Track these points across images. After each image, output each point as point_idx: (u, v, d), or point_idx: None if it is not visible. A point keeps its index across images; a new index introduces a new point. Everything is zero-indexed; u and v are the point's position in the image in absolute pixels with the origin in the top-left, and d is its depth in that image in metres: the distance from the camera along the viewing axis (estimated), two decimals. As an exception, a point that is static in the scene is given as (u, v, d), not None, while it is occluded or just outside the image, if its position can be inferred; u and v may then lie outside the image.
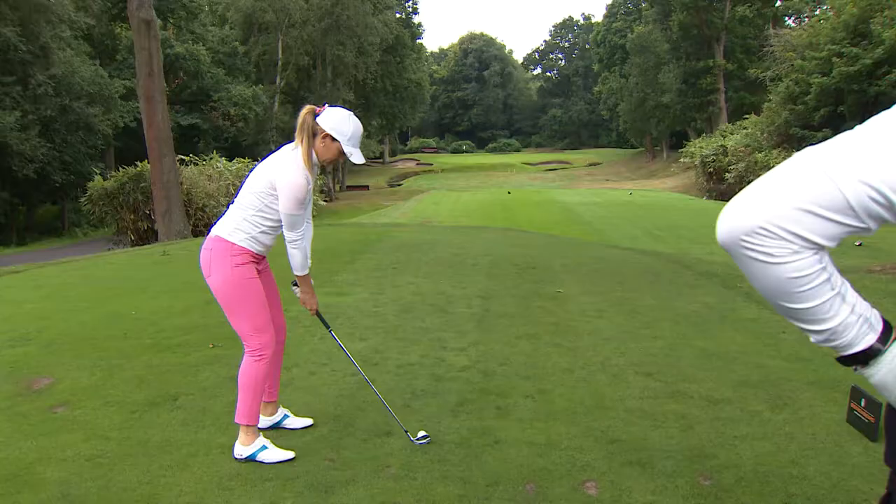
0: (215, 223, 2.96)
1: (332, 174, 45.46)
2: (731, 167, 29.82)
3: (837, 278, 0.89)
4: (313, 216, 3.14)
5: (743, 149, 30.06)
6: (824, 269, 0.87)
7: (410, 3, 59.61)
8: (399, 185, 59.42)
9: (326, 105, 2.91)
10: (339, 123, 2.83)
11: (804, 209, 0.82)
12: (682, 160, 37.80)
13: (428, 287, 6.84)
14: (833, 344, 0.91)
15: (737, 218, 0.85)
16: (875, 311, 0.92)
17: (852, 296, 0.90)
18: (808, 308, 0.88)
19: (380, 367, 4.17)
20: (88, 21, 34.05)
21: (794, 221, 0.82)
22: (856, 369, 0.93)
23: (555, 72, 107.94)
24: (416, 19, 60.61)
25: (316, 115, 2.86)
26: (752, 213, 0.84)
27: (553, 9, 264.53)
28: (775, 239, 0.83)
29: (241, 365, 2.90)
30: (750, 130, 31.95)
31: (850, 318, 0.89)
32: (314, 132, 2.84)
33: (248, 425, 2.87)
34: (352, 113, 2.89)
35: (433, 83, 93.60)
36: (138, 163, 16.58)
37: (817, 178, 0.82)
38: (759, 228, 0.83)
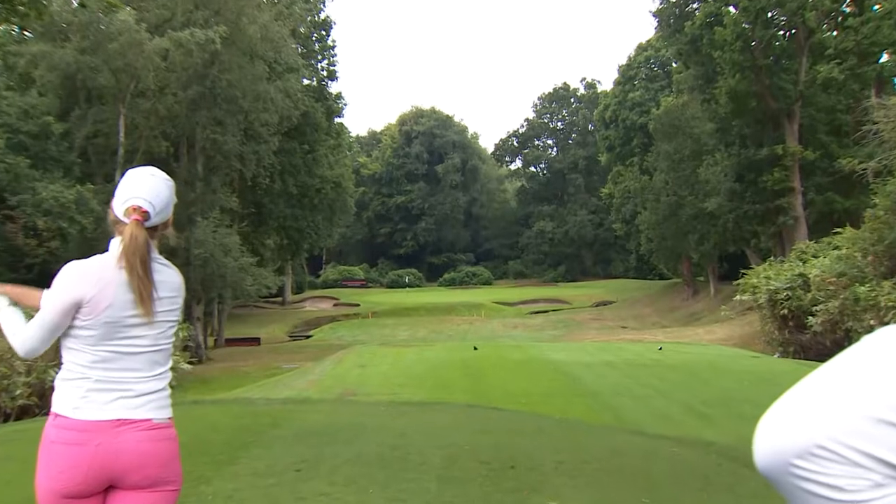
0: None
1: (200, 320, 45.32)
2: (818, 308, 29.82)
3: None
4: (172, 386, 3.34)
5: (834, 280, 30.18)
6: None
7: (326, 62, 62.29)
8: (307, 336, 59.87)
9: None
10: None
11: (881, 419, 0.83)
12: (738, 297, 38.02)
13: (350, 502, 6.87)
14: None
15: (783, 434, 0.88)
16: None
17: None
18: None
19: None
20: None
21: (866, 437, 0.82)
22: None
23: (542, 165, 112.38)
24: (333, 87, 62.91)
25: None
26: (806, 425, 0.85)
27: (539, 76, 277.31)
28: (843, 464, 0.83)
29: None
30: (845, 251, 31.84)
31: None
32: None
33: None
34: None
35: (360, 183, 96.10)
36: None
37: None
38: (817, 448, 0.85)
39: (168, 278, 3.24)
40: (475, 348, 31.55)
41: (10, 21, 27.81)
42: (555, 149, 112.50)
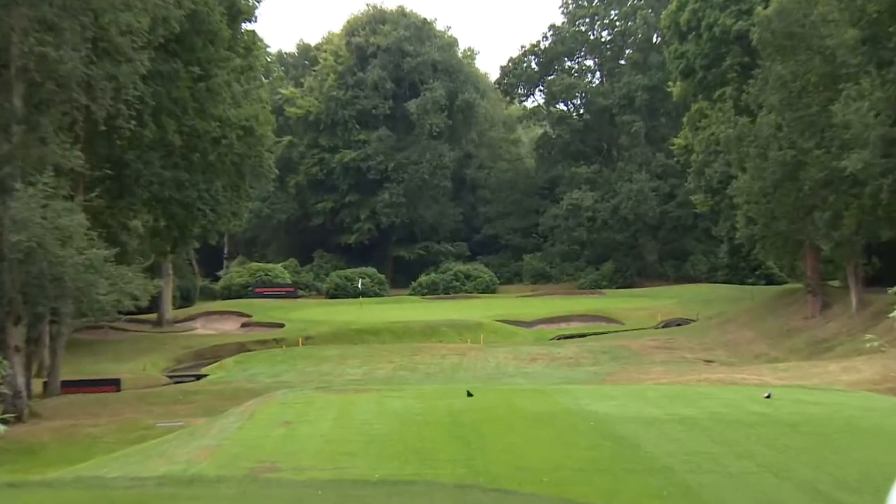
0: None
1: (21, 351, 44.55)
2: None
3: None
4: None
5: None
6: None
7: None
8: (198, 376, 61.28)
9: None
10: None
11: None
12: (894, 314, 38.58)
13: None
14: None
15: None
16: None
17: None
18: None
19: None
20: None
21: None
22: None
23: (577, 101, 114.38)
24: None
25: None
26: None
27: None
28: None
29: None
30: None
31: None
32: None
33: None
34: None
35: (284, 129, 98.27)
36: None
37: None
38: None
39: None
40: (469, 394, 31.74)
41: None
42: (598, 74, 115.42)
